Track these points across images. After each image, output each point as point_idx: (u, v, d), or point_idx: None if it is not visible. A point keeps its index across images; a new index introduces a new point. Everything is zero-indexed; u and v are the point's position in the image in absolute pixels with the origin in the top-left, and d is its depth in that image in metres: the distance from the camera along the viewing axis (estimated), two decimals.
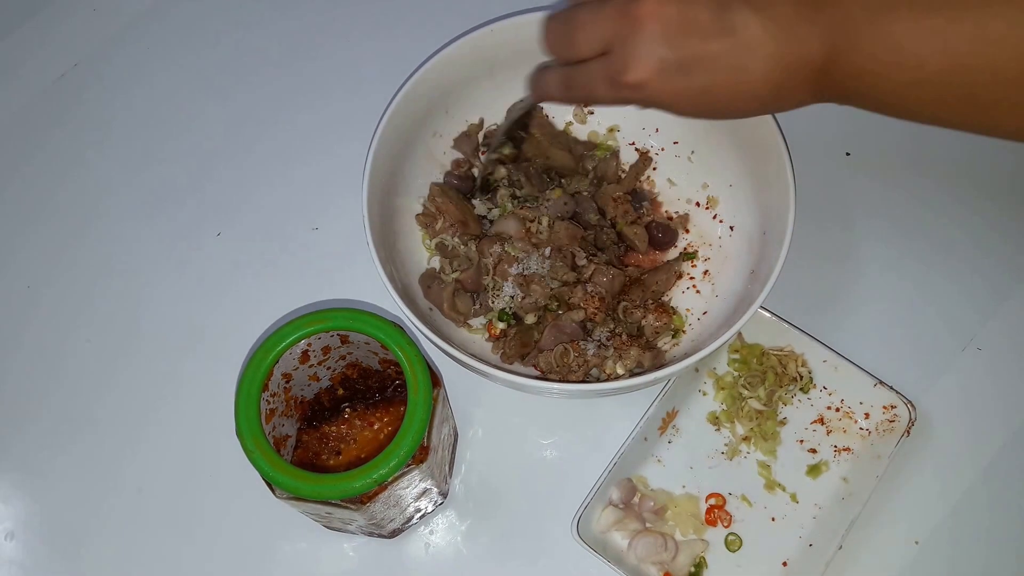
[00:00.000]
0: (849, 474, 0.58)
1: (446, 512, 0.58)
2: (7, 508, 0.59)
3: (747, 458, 0.59)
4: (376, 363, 0.53)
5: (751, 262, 0.59)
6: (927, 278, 0.63)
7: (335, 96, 0.70)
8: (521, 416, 0.60)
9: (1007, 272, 0.63)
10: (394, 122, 0.57)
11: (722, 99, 0.45)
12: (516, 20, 0.59)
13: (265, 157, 0.68)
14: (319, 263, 0.65)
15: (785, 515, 0.57)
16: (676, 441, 0.59)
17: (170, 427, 0.61)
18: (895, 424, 0.57)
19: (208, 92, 0.71)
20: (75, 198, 0.67)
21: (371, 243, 0.54)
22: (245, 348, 0.61)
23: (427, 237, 0.61)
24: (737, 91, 0.45)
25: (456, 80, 0.61)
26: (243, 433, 0.45)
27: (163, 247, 0.66)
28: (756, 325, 0.59)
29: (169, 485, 0.59)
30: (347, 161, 0.65)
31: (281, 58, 0.72)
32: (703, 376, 0.60)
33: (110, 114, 0.70)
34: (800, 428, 0.59)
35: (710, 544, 0.57)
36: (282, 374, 0.49)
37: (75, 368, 0.62)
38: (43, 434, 0.61)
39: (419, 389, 0.45)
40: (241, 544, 0.58)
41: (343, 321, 0.47)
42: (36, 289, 0.65)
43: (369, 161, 0.55)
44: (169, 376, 0.62)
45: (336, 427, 0.54)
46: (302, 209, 0.67)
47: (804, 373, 0.60)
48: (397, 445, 0.44)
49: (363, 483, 0.44)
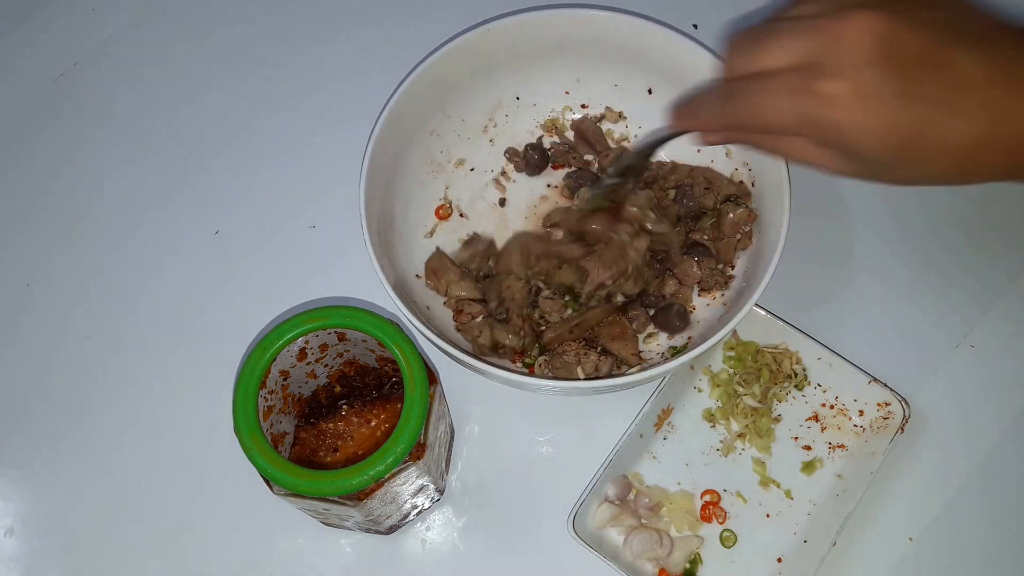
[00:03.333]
0: (843, 471, 0.58)
1: (443, 508, 0.58)
2: (6, 504, 0.59)
3: (742, 455, 0.59)
4: (373, 360, 0.54)
5: (746, 260, 0.59)
6: (921, 276, 0.63)
7: (333, 95, 0.70)
8: (517, 413, 0.60)
9: (1000, 270, 0.63)
10: (391, 120, 0.57)
11: (911, 143, 0.39)
12: (513, 19, 0.59)
13: (263, 156, 0.69)
14: (317, 261, 0.65)
15: (780, 511, 0.57)
16: (671, 438, 0.59)
17: (168, 424, 0.61)
18: (889, 421, 0.57)
19: (206, 91, 0.71)
20: (73, 196, 0.68)
21: (368, 241, 0.54)
22: (243, 345, 0.61)
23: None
24: (933, 137, 0.39)
25: (453, 79, 0.61)
26: (241, 430, 0.45)
27: (162, 245, 0.66)
28: (751, 322, 0.60)
29: (167, 481, 0.59)
30: (345, 159, 0.65)
31: (279, 57, 0.72)
32: (698, 373, 0.61)
33: (109, 113, 0.70)
34: (795, 425, 0.59)
35: (705, 540, 0.57)
36: (280, 371, 0.49)
37: (73, 365, 0.63)
38: (42, 431, 0.61)
39: (416, 386, 0.46)
40: (239, 540, 0.58)
41: (340, 319, 0.48)
42: (35, 286, 0.65)
43: (367, 159, 0.56)
44: (168, 373, 0.62)
45: (333, 424, 0.54)
46: (300, 207, 0.67)
47: (799, 370, 0.60)
48: (394, 442, 0.45)
49: (360, 480, 0.44)
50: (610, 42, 0.61)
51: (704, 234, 0.59)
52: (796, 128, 0.40)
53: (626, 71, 0.63)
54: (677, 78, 0.61)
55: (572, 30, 0.61)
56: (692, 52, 0.58)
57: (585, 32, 0.60)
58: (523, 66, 0.62)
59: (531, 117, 0.65)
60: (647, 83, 0.63)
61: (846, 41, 0.38)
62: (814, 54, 0.38)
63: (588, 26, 0.60)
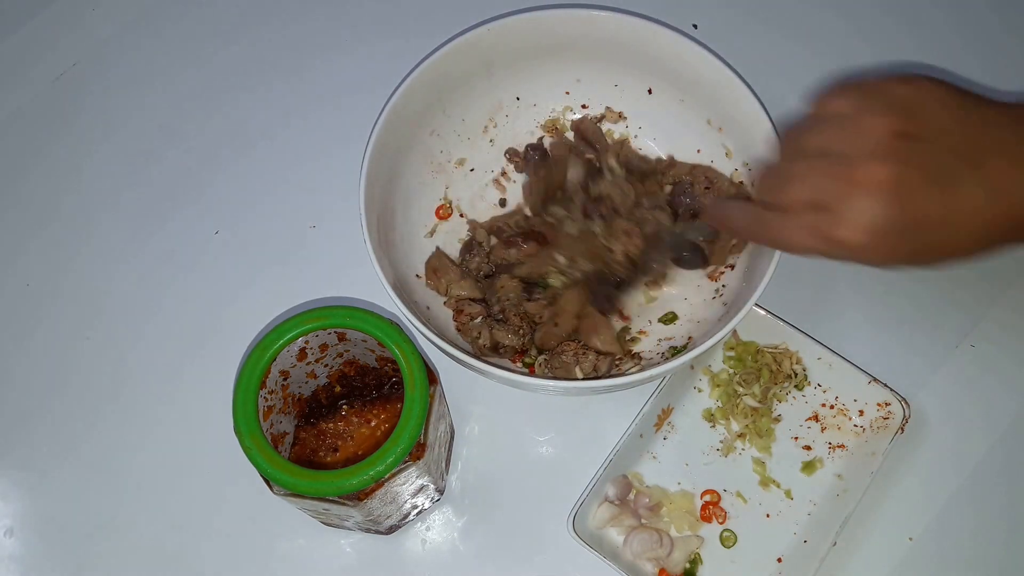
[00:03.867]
0: (843, 471, 0.58)
1: (443, 509, 0.58)
2: (6, 505, 0.59)
3: (742, 455, 0.59)
4: (373, 360, 0.54)
5: (746, 260, 0.59)
6: (921, 276, 0.63)
7: (333, 94, 0.70)
8: (517, 413, 0.60)
9: (1000, 269, 0.63)
10: (391, 120, 0.57)
11: (932, 257, 0.46)
12: (513, 19, 0.59)
13: (263, 155, 0.69)
14: (317, 261, 0.65)
15: (780, 511, 0.57)
16: (671, 438, 0.59)
17: (168, 424, 0.61)
18: (889, 421, 0.57)
19: (206, 91, 0.71)
20: (73, 197, 0.68)
21: (368, 241, 0.54)
22: (243, 345, 0.61)
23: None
24: (949, 250, 0.45)
25: (453, 79, 0.61)
26: (241, 430, 0.45)
27: (161, 245, 0.66)
28: (751, 322, 0.60)
29: (167, 481, 0.59)
30: (345, 159, 0.65)
31: (279, 56, 0.72)
32: (698, 373, 0.61)
33: (109, 113, 0.70)
34: (795, 425, 0.59)
35: (705, 540, 0.57)
36: (280, 371, 0.49)
37: (73, 365, 0.63)
38: (42, 431, 0.61)
39: (416, 386, 0.46)
40: (239, 540, 0.58)
41: (340, 319, 0.48)
42: (35, 287, 0.65)
43: (366, 159, 0.56)
44: (167, 373, 0.62)
45: (333, 424, 0.54)
46: (300, 207, 0.67)
47: (799, 370, 0.60)
48: (394, 442, 0.45)
49: (360, 480, 0.44)
50: (610, 42, 0.61)
51: (701, 234, 0.59)
52: (812, 254, 0.47)
53: (626, 71, 0.63)
54: (677, 78, 0.61)
55: (572, 30, 0.60)
56: (692, 52, 0.58)
57: (585, 32, 0.60)
58: (523, 66, 0.62)
59: (531, 117, 0.65)
60: (647, 83, 0.63)
61: (860, 189, 0.43)
62: (831, 201, 0.44)
63: (588, 26, 0.60)
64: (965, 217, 0.44)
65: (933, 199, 0.44)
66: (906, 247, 0.45)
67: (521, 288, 0.58)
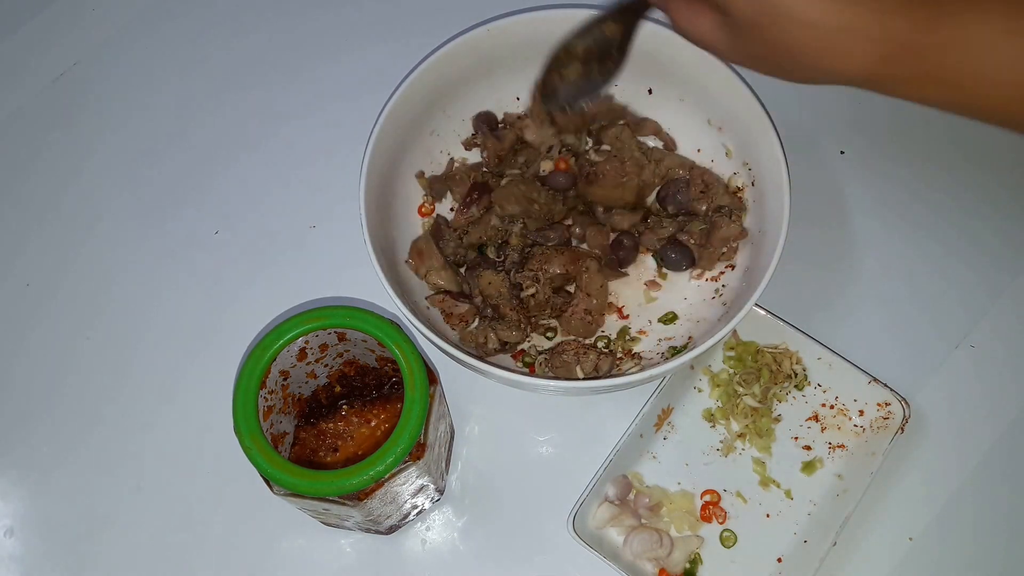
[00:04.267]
0: (843, 471, 0.58)
1: (443, 509, 0.58)
2: (6, 505, 0.59)
3: (742, 455, 0.59)
4: (373, 360, 0.54)
5: (746, 260, 0.59)
6: (921, 276, 0.63)
7: (333, 94, 0.70)
8: (517, 413, 0.60)
9: (1000, 269, 0.63)
10: (391, 120, 0.57)
11: (771, 6, 0.42)
12: (513, 19, 0.59)
13: (263, 155, 0.69)
14: (317, 261, 0.65)
15: (780, 511, 0.57)
16: (671, 438, 0.59)
17: (168, 424, 0.61)
18: (889, 421, 0.57)
19: (206, 90, 0.71)
20: (74, 196, 0.68)
21: (368, 241, 0.54)
22: (243, 346, 0.61)
23: None
24: (791, 7, 0.42)
25: (453, 79, 0.61)
26: (241, 430, 0.45)
27: (161, 245, 0.66)
28: (751, 323, 0.60)
29: (167, 482, 0.59)
30: (345, 159, 0.65)
31: (279, 56, 0.72)
32: (698, 373, 0.61)
33: (109, 113, 0.70)
34: (795, 425, 0.59)
35: (705, 540, 0.57)
36: (280, 371, 0.49)
37: (73, 365, 0.63)
38: (42, 431, 0.61)
39: (416, 386, 0.46)
40: (239, 540, 0.58)
41: (340, 319, 0.48)
42: (35, 287, 0.65)
43: (367, 159, 0.56)
44: (167, 373, 0.62)
45: (333, 424, 0.54)
46: (299, 207, 0.67)
47: (799, 370, 0.60)
48: (394, 442, 0.45)
49: (360, 480, 0.44)
50: None
51: (692, 238, 0.59)
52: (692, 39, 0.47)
53: (626, 71, 0.63)
54: (677, 78, 0.61)
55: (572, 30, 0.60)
56: (692, 52, 0.58)
57: None
58: (523, 66, 0.62)
59: None
60: (647, 83, 0.63)
61: None
62: None
63: None
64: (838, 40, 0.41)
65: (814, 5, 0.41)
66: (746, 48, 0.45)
67: (506, 285, 0.58)
